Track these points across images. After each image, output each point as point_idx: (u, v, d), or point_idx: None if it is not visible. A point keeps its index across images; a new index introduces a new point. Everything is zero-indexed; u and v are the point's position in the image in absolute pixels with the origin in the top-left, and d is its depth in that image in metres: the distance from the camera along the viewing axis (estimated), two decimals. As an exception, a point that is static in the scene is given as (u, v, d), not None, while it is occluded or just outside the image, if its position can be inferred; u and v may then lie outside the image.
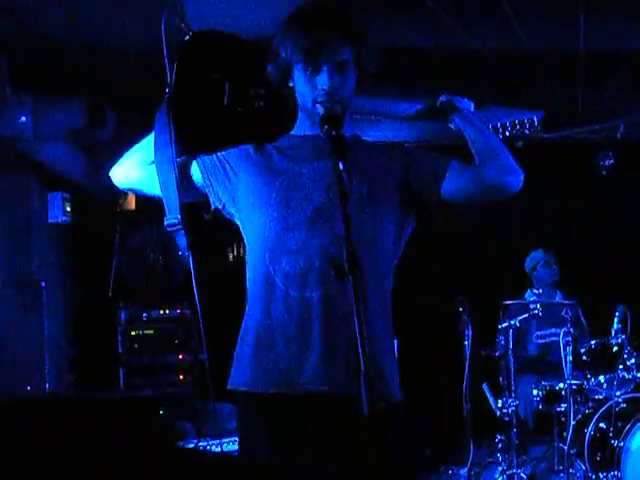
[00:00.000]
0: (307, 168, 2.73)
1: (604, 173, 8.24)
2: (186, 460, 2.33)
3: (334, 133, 2.53)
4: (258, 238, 2.74)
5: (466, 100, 2.88)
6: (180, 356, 7.17)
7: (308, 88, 2.70)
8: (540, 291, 6.89)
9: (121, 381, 7.01)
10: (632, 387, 5.93)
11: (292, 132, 2.87)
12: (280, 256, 2.67)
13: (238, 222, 2.86)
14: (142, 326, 7.17)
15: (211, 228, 2.99)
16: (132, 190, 3.00)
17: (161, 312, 7.23)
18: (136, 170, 2.88)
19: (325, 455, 2.60)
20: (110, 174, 2.95)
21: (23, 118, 5.61)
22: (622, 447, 5.55)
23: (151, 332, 7.18)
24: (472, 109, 2.87)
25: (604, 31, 5.48)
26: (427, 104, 2.87)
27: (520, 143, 7.37)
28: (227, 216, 2.88)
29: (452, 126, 2.87)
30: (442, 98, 2.86)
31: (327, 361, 2.58)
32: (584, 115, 7.39)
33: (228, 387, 2.77)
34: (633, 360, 5.92)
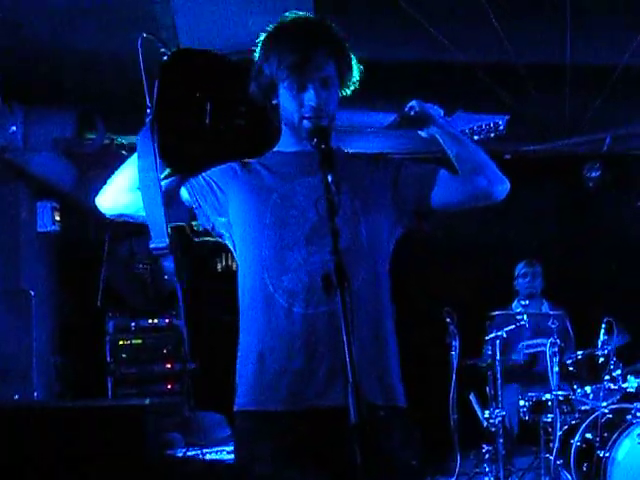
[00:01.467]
0: (299, 185, 2.73)
1: (591, 185, 8.29)
2: (172, 467, 2.34)
3: (323, 146, 2.55)
4: (254, 257, 2.72)
5: (436, 107, 2.90)
6: (168, 365, 7.15)
7: (294, 105, 2.70)
8: (527, 302, 6.92)
9: (109, 390, 7.00)
10: (618, 398, 5.95)
11: (277, 148, 2.86)
12: (280, 274, 2.66)
13: (228, 242, 2.84)
14: (130, 335, 7.16)
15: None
16: (121, 216, 2.90)
17: (149, 321, 7.23)
18: (123, 195, 2.83)
19: (331, 470, 2.60)
20: (96, 202, 2.89)
21: (13, 128, 5.62)
22: (608, 457, 5.56)
23: (139, 341, 7.17)
24: (442, 115, 2.90)
25: (591, 46, 5.52)
26: (402, 114, 2.89)
27: (508, 155, 7.43)
28: (216, 236, 2.86)
29: (424, 134, 2.91)
30: (412, 104, 2.87)
31: (336, 375, 2.56)
32: (571, 128, 7.43)
33: (235, 409, 2.75)
34: (619, 371, 5.94)
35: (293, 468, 2.60)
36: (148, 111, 2.73)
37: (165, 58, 2.84)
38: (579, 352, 6.17)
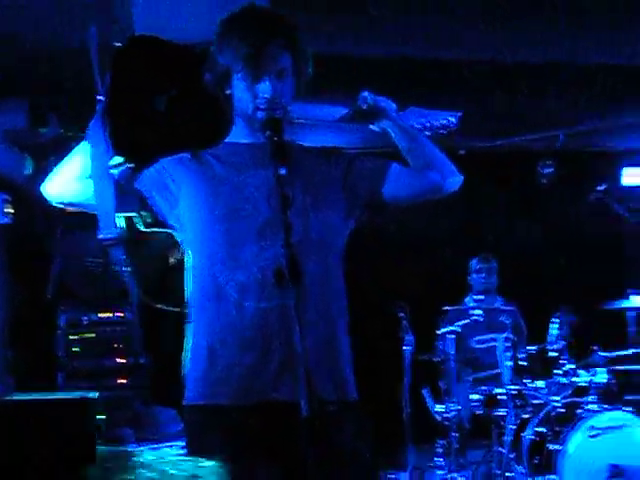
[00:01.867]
0: (252, 177, 2.71)
1: (544, 181, 8.35)
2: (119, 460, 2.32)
3: (276, 138, 2.56)
4: (205, 251, 2.70)
5: (389, 101, 2.90)
6: (120, 360, 7.09)
7: (248, 96, 2.69)
8: (482, 297, 6.96)
9: (60, 385, 6.93)
10: (569, 392, 6.01)
11: (229, 139, 2.84)
12: (232, 268, 2.65)
13: (178, 234, 2.81)
14: (82, 329, 7.09)
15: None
16: (69, 205, 2.87)
17: (101, 315, 7.16)
18: (71, 184, 2.80)
19: (282, 464, 2.60)
20: (43, 190, 2.86)
21: (-36, 119, 5.55)
22: (559, 451, 5.62)
23: (91, 336, 7.10)
24: (395, 109, 2.91)
25: (545, 43, 5.55)
26: (355, 107, 2.88)
27: (463, 151, 7.46)
28: (168, 228, 2.83)
29: (375, 127, 2.90)
30: (364, 95, 2.87)
31: (287, 369, 2.56)
32: (525, 124, 7.48)
33: (184, 403, 2.73)
34: (570, 365, 6.01)
35: (244, 462, 2.58)
36: (100, 99, 2.71)
37: (119, 45, 2.82)
38: (531, 347, 6.21)
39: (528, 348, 6.20)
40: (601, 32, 5.39)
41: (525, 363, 6.13)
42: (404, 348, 6.30)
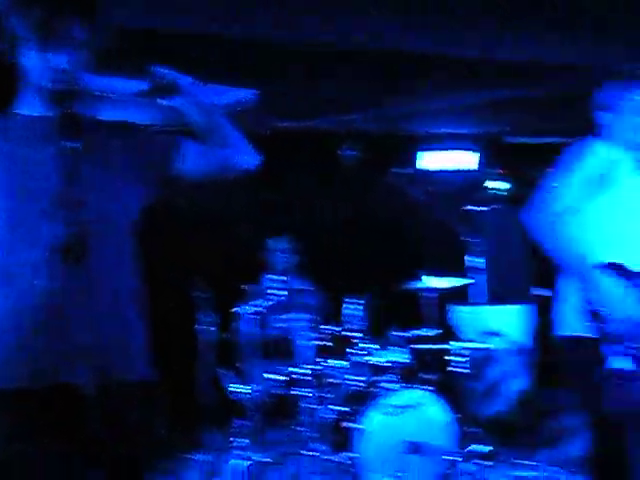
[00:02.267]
0: (41, 152, 2.57)
1: (346, 163, 8.49)
2: None
3: (67, 111, 2.48)
4: None
5: (184, 77, 2.86)
6: None
7: (40, 66, 2.55)
8: (280, 277, 7.00)
9: None
10: (367, 371, 6.13)
11: (18, 111, 2.69)
12: (19, 247, 2.52)
13: None
14: None
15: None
16: None
17: None
18: None
19: (75, 447, 2.51)
20: None
21: None
22: (357, 429, 5.72)
23: None
24: (191, 86, 2.87)
25: (361, 27, 5.62)
26: (151, 82, 2.82)
27: (265, 131, 7.47)
28: None
29: (167, 102, 2.85)
30: (158, 71, 2.82)
31: (78, 351, 2.48)
32: (329, 106, 7.58)
33: None
34: (368, 345, 6.13)
35: (34, 446, 2.48)
36: None
37: None
38: (331, 327, 6.29)
39: (329, 328, 6.28)
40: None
41: (327, 343, 6.21)
42: (202, 328, 6.27)
